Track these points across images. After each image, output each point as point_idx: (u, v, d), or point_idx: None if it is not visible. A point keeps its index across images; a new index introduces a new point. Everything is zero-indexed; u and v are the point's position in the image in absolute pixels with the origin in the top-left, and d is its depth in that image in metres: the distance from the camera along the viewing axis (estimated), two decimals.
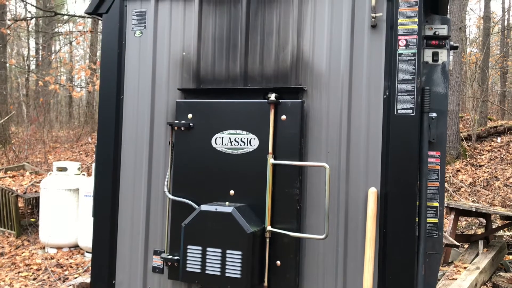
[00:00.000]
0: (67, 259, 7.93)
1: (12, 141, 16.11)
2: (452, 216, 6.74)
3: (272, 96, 2.63)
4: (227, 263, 2.48)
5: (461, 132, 13.64)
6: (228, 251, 2.49)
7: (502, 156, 12.83)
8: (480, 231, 8.28)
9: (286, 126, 2.63)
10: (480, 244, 6.72)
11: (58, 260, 7.88)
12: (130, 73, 3.02)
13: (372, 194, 2.48)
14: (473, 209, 6.69)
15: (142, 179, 2.95)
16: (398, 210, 2.47)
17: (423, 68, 2.63)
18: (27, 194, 9.41)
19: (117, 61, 3.03)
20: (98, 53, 19.45)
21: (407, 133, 2.47)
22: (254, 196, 2.66)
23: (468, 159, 12.93)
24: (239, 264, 2.46)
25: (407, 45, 2.49)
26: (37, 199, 9.14)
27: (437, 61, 2.64)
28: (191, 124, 2.80)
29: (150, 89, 2.96)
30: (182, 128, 2.81)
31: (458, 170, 12.38)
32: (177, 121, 2.83)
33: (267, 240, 2.59)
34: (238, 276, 2.45)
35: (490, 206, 9.17)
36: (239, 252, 2.46)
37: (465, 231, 8.78)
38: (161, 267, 2.88)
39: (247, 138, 2.70)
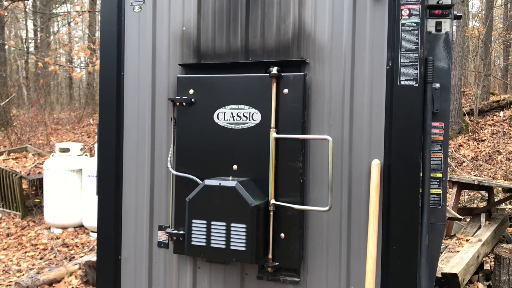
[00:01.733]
0: (72, 239, 8.01)
1: (14, 124, 16.12)
2: (455, 190, 6.76)
3: (274, 70, 2.61)
4: (231, 236, 2.50)
5: (463, 107, 13.59)
6: (232, 225, 2.50)
7: (504, 130, 12.80)
8: (482, 204, 8.32)
9: (289, 99, 2.62)
10: (482, 217, 6.75)
11: (64, 240, 7.96)
12: (130, 50, 2.99)
13: (376, 165, 2.48)
14: (476, 183, 6.71)
15: (145, 156, 2.96)
16: (402, 181, 2.47)
17: (426, 39, 2.59)
18: (31, 175, 9.45)
19: (116, 38, 3.00)
20: (97, 34, 19.30)
21: (410, 104, 2.45)
22: (257, 170, 2.66)
23: (470, 134, 12.92)
24: (244, 237, 2.47)
25: (410, 15, 2.45)
26: (40, 180, 9.19)
27: (441, 31, 2.61)
28: (192, 100, 2.79)
29: (151, 65, 2.94)
30: (184, 104, 2.80)
31: (460, 145, 12.38)
32: (178, 97, 2.81)
33: (271, 213, 2.60)
34: (243, 248, 2.47)
35: (493, 179, 9.19)
36: (244, 225, 2.48)
37: (467, 205, 8.82)
38: (166, 242, 2.90)
39: (250, 113, 2.68)
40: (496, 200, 7.58)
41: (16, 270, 6.62)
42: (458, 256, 5.23)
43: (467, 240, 5.93)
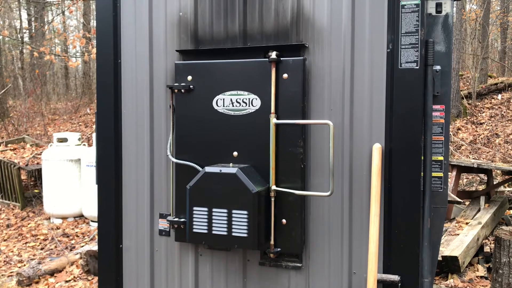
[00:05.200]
0: (72, 229, 8.02)
1: (11, 115, 16.04)
2: (454, 173, 6.77)
3: (273, 54, 2.57)
4: (233, 223, 2.49)
5: (461, 90, 13.56)
6: (234, 211, 2.49)
7: (502, 113, 12.80)
8: (481, 187, 8.34)
9: (288, 84, 2.59)
10: (482, 200, 6.78)
11: (64, 230, 7.97)
12: (127, 36, 2.95)
13: (377, 149, 2.46)
14: (475, 166, 6.71)
15: (145, 144, 2.93)
16: (403, 165, 2.46)
17: (427, 20, 2.56)
18: (29, 166, 9.43)
19: (112, 24, 2.96)
20: (92, 23, 19.13)
21: (411, 87, 2.43)
22: (257, 157, 2.64)
23: (468, 117, 12.91)
24: (246, 224, 2.46)
25: None
26: (39, 171, 9.17)
27: (441, 13, 2.58)
28: (191, 86, 2.76)
29: (148, 51, 2.90)
30: (182, 90, 2.77)
31: (459, 129, 12.38)
32: (176, 84, 2.78)
33: (272, 199, 2.59)
34: (245, 235, 2.46)
35: (491, 162, 9.21)
36: (245, 212, 2.47)
37: (466, 189, 8.84)
38: (168, 230, 2.89)
39: (249, 99, 2.66)
40: (495, 182, 7.60)
41: (17, 260, 6.63)
42: (458, 239, 5.25)
43: (466, 223, 5.95)
